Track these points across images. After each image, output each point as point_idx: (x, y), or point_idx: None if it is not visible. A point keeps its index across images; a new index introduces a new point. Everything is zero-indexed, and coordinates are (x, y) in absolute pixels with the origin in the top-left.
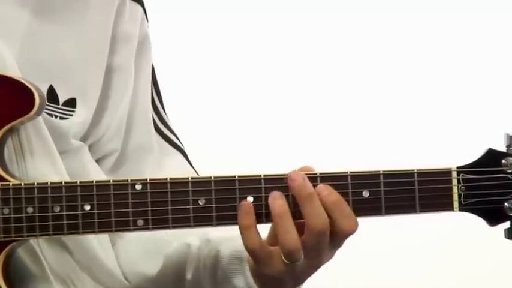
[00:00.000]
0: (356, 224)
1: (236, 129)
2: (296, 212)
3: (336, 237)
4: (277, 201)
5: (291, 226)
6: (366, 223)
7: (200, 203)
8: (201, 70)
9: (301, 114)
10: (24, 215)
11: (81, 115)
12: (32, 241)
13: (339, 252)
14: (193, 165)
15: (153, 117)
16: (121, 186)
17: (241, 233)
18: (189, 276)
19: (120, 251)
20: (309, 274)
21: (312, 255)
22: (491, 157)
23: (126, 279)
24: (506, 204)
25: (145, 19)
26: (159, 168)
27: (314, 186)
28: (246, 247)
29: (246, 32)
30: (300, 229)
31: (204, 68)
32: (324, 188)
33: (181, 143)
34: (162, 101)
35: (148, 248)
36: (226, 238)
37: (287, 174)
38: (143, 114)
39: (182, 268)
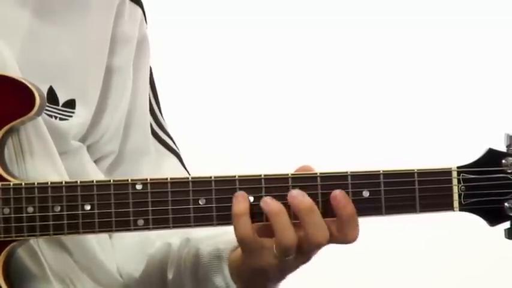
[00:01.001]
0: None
1: (236, 130)
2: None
3: (336, 243)
4: (270, 202)
5: (287, 223)
6: (365, 223)
7: (200, 203)
8: (199, 72)
9: (301, 115)
10: (24, 214)
11: (81, 116)
12: (32, 241)
13: (339, 253)
14: (189, 168)
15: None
16: (121, 186)
17: (233, 221)
18: (170, 276)
19: (114, 252)
20: (294, 270)
21: (304, 258)
22: (492, 157)
23: (123, 278)
24: (506, 204)
25: (144, 21)
26: (154, 170)
27: (314, 186)
28: (237, 235)
29: (244, 34)
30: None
31: (202, 70)
32: (341, 198)
33: (176, 147)
34: (159, 103)
35: (134, 248)
36: (206, 237)
37: (287, 174)
38: (141, 115)
39: (164, 268)
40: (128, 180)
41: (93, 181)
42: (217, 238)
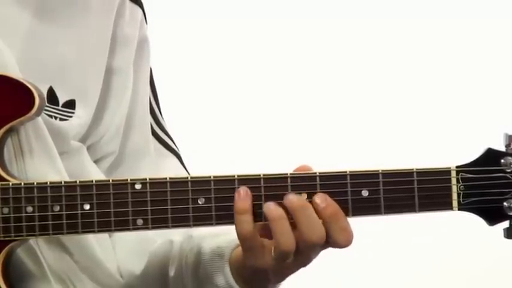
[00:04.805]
0: (352, 237)
1: (235, 130)
2: None
3: (330, 247)
4: (272, 207)
5: (287, 228)
6: (365, 223)
7: (199, 203)
8: (199, 72)
9: (301, 114)
10: (23, 214)
11: (81, 116)
12: (32, 241)
13: (339, 253)
14: (189, 168)
15: None
16: (120, 186)
17: (235, 218)
18: (171, 273)
19: (115, 250)
20: (295, 271)
21: (302, 258)
22: (491, 156)
23: (122, 277)
24: (505, 203)
25: (145, 21)
26: (154, 171)
27: (313, 186)
28: (239, 233)
29: (244, 34)
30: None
31: (202, 70)
32: (322, 200)
33: (176, 147)
34: (158, 104)
35: (134, 246)
36: (209, 235)
37: (286, 174)
38: (142, 116)
39: (165, 265)
40: (127, 180)
41: (92, 181)
42: (220, 237)
